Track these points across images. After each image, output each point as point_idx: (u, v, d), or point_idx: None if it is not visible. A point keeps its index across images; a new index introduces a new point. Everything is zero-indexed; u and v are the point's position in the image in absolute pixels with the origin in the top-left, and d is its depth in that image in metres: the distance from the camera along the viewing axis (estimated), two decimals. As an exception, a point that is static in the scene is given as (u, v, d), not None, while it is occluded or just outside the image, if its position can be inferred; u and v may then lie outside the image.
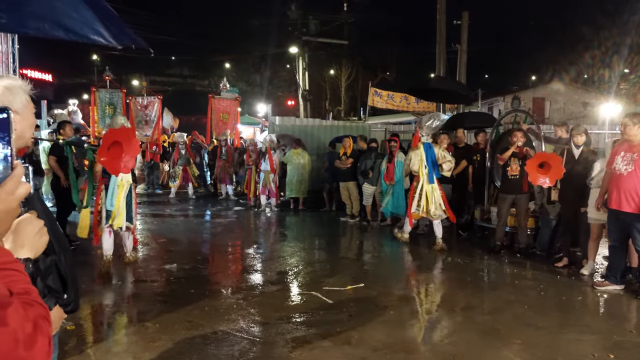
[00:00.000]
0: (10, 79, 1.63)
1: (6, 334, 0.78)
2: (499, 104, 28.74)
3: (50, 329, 0.89)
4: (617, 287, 5.52)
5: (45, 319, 0.89)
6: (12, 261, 0.94)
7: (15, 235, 1.08)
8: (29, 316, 0.84)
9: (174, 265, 6.55)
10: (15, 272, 0.93)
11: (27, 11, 2.95)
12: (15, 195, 0.95)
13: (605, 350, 4.00)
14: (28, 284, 0.94)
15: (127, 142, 5.86)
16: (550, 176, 6.45)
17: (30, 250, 1.12)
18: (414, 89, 13.36)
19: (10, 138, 0.95)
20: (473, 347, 4.07)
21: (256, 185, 11.64)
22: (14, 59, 7.33)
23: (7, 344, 0.78)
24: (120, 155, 5.79)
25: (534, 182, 6.67)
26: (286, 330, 4.38)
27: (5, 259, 0.93)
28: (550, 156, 6.67)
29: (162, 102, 14.19)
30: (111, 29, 3.12)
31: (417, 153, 7.53)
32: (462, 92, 12.40)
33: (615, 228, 5.47)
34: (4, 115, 0.94)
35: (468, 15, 18.07)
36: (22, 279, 0.93)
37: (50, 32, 2.99)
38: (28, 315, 0.84)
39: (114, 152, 5.86)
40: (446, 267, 6.71)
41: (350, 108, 36.01)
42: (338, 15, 28.15)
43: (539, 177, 6.52)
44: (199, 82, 44.04)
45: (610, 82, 25.84)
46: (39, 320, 0.85)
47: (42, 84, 26.52)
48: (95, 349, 3.92)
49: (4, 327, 0.78)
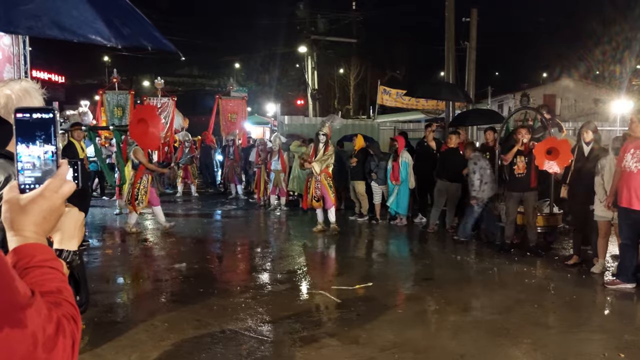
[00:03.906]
0: (27, 82, 1.65)
1: (24, 336, 0.78)
2: (509, 102, 28.54)
3: (77, 330, 0.89)
4: (628, 285, 5.46)
5: (72, 319, 0.89)
6: (49, 259, 0.95)
7: (62, 229, 1.09)
8: (52, 317, 0.83)
9: (183, 264, 6.58)
10: (51, 269, 0.93)
11: (21, 9, 2.93)
12: (59, 193, 0.97)
13: (616, 350, 3.96)
14: (63, 282, 0.95)
15: (151, 118, 6.74)
16: (559, 162, 6.42)
17: (78, 243, 1.14)
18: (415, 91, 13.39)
19: (56, 136, 0.98)
20: (482, 346, 4.05)
21: (266, 184, 11.65)
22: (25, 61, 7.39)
23: (25, 346, 0.78)
24: (147, 131, 6.71)
25: (540, 166, 6.65)
26: (294, 329, 4.39)
27: (43, 257, 0.93)
28: (559, 142, 6.61)
29: (175, 103, 14.27)
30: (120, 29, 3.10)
31: None
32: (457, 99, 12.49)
33: (626, 226, 5.41)
34: (50, 115, 0.96)
35: (477, 12, 17.95)
36: (57, 277, 0.94)
37: (44, 30, 2.97)
38: (51, 316, 0.83)
39: (142, 128, 6.73)
40: (455, 266, 6.68)
41: (360, 107, 35.94)
42: (347, 14, 28.11)
43: (545, 162, 6.50)
44: (209, 82, 44.18)
45: (622, 78, 25.55)
46: (63, 321, 0.85)
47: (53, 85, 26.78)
48: (105, 348, 3.95)
49: (22, 330, 0.77)
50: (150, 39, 3.42)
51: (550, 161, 6.51)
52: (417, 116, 19.42)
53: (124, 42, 3.28)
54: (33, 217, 0.95)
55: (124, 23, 3.20)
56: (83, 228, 1.18)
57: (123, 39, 3.19)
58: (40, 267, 0.92)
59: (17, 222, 0.94)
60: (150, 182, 8.25)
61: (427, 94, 13.57)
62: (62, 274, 0.96)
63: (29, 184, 0.97)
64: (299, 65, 31.18)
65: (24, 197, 0.95)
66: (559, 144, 6.56)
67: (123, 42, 3.26)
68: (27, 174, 0.97)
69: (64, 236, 1.10)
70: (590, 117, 20.81)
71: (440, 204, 8.79)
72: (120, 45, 3.35)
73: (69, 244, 1.11)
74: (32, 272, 0.91)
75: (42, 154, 0.97)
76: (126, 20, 3.24)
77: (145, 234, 8.77)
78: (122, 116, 13.45)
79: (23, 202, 0.95)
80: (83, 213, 1.19)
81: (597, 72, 31.51)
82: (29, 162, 0.97)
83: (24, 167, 0.96)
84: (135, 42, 3.46)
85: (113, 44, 3.15)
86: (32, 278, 0.90)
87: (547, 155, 6.53)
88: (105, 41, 3.11)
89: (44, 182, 0.96)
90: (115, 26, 3.10)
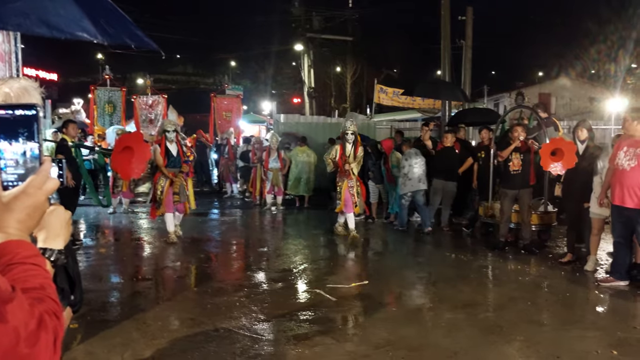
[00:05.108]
0: (26, 80, 1.63)
1: (6, 331, 0.78)
2: (505, 100, 28.62)
3: (59, 326, 0.89)
4: (621, 283, 5.48)
5: (54, 315, 0.88)
6: (32, 255, 0.94)
7: (48, 228, 1.09)
8: (35, 313, 0.83)
9: (177, 263, 6.57)
10: (35, 266, 0.93)
11: (9, 7, 2.95)
12: (43, 189, 0.97)
13: (609, 347, 3.97)
14: (46, 279, 0.94)
15: (138, 147, 6.06)
16: (563, 163, 6.42)
17: (64, 241, 1.14)
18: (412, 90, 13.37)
19: (39, 134, 0.98)
20: (475, 343, 4.05)
21: (262, 183, 11.61)
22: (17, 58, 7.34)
23: (7, 340, 0.78)
24: (131, 160, 5.98)
25: (545, 167, 6.65)
26: (288, 327, 4.38)
27: (26, 254, 0.93)
28: (565, 143, 6.60)
29: (167, 101, 14.24)
30: (105, 27, 3.14)
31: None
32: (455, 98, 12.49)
33: (619, 224, 5.43)
34: (33, 111, 0.96)
35: (472, 10, 17.98)
36: (40, 274, 0.93)
37: (32, 28, 3.00)
38: (33, 311, 0.83)
39: (126, 156, 6.05)
40: (450, 264, 6.69)
41: (356, 105, 35.92)
42: (342, 12, 28.08)
43: (550, 163, 6.51)
44: (204, 80, 44.03)
45: (617, 77, 25.65)
46: (45, 317, 0.85)
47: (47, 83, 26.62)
48: (97, 346, 3.93)
49: (3, 324, 0.78)
50: (133, 38, 3.48)
51: (555, 162, 6.50)
52: (413, 115, 19.42)
53: (110, 40, 3.32)
54: (16, 214, 0.95)
55: (109, 22, 3.25)
56: (70, 227, 1.18)
57: (109, 36, 3.24)
58: (23, 264, 0.92)
59: (0, 219, 0.94)
60: (168, 185, 7.51)
61: (425, 93, 13.56)
62: (46, 270, 0.96)
63: (12, 181, 0.96)
64: (294, 63, 31.15)
65: (6, 194, 0.95)
66: (564, 145, 6.54)
67: (109, 40, 3.31)
68: (10, 171, 0.96)
69: (49, 234, 1.10)
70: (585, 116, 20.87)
71: (435, 203, 8.80)
72: (107, 43, 3.39)
73: (53, 242, 1.10)
74: (15, 268, 0.91)
75: (25, 151, 0.96)
76: (110, 19, 3.29)
77: (138, 233, 8.74)
78: (112, 113, 13.42)
79: (6, 199, 0.94)
80: (69, 211, 1.18)
81: (592, 71, 31.63)
82: (12, 159, 0.96)
83: (7, 164, 0.96)
84: (119, 40, 3.52)
85: (100, 40, 3.19)
86: (15, 274, 0.89)
87: (552, 157, 6.52)
88: (92, 38, 3.14)
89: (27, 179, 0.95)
90: (101, 25, 3.15)
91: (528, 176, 7.10)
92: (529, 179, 7.13)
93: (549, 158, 6.54)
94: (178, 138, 7.74)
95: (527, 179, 7.09)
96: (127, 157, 6.04)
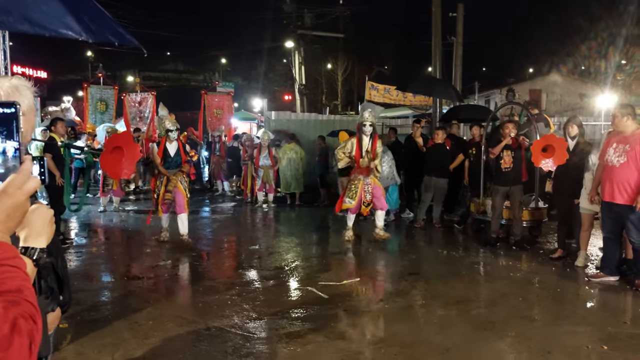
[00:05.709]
0: (17, 79, 1.60)
1: None
2: (496, 97, 28.71)
3: (35, 330, 0.87)
4: (611, 278, 5.52)
5: (30, 318, 0.86)
6: (11, 257, 0.92)
7: (30, 226, 1.07)
8: (8, 316, 0.82)
9: (168, 261, 6.53)
10: (13, 268, 0.91)
11: None
12: (24, 189, 0.95)
13: (600, 342, 4.00)
14: (25, 281, 0.92)
15: (127, 148, 6.01)
16: (554, 159, 6.44)
17: (47, 240, 1.12)
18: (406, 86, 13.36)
19: (19, 132, 0.96)
20: (467, 340, 4.06)
21: (253, 181, 11.58)
22: (5, 56, 7.26)
23: None
24: (120, 160, 5.94)
25: (536, 163, 6.67)
26: (280, 325, 4.37)
27: (4, 255, 0.91)
28: (556, 139, 6.63)
29: (156, 98, 14.15)
30: (89, 25, 3.11)
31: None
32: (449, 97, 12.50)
33: (609, 220, 5.46)
34: (12, 109, 0.94)
35: (463, 7, 18.01)
36: (19, 276, 0.91)
37: (15, 25, 2.98)
38: (7, 315, 0.81)
39: (115, 157, 6.00)
40: (442, 261, 6.70)
41: (347, 102, 35.91)
42: (333, 9, 28.04)
43: (541, 160, 6.53)
44: (194, 77, 43.88)
45: (607, 73, 25.82)
46: (19, 321, 0.83)
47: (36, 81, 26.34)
48: (88, 346, 3.90)
49: None
50: (115, 35, 3.48)
51: (546, 159, 6.53)
52: (405, 112, 19.43)
53: (94, 37, 3.31)
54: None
55: (92, 19, 3.23)
56: (53, 225, 1.15)
57: (93, 34, 3.22)
58: (1, 266, 0.89)
59: None
60: (165, 183, 7.34)
61: (419, 90, 13.55)
62: (24, 272, 0.94)
63: None
64: (285, 60, 31.06)
65: None
66: (555, 141, 6.57)
67: (93, 38, 3.30)
68: None
69: (31, 233, 1.08)
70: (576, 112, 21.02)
71: (427, 199, 8.81)
72: (91, 40, 3.37)
73: (35, 241, 1.08)
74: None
75: (5, 150, 0.94)
76: (93, 16, 3.28)
77: (129, 232, 8.68)
78: (104, 111, 13.33)
79: None
80: (52, 210, 1.15)
81: (583, 68, 31.80)
82: None
83: None
84: (103, 38, 3.52)
85: (84, 38, 3.17)
86: None
87: (543, 153, 6.54)
88: (77, 35, 3.12)
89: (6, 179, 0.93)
90: (84, 22, 3.13)
91: (519, 173, 7.13)
92: (521, 176, 7.15)
93: (541, 154, 6.56)
94: (180, 138, 7.68)
95: (518, 176, 7.12)
96: (117, 157, 5.99)
